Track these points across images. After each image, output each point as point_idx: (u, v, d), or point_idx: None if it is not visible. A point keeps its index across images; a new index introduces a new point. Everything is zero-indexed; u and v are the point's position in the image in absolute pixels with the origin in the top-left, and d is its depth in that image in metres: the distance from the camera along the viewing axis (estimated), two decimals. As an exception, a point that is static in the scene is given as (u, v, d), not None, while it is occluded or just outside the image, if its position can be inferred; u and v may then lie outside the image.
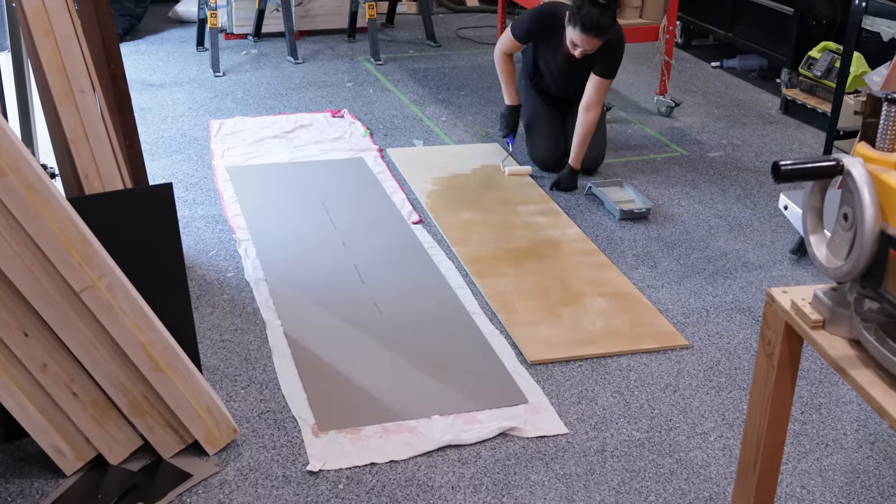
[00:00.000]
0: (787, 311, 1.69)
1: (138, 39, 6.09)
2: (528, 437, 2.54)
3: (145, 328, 2.25)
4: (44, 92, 2.52)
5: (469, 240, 3.61)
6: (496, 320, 3.09)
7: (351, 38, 6.25)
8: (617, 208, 3.82)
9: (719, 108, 5.19)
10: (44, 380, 2.21)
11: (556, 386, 2.77)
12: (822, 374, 2.87)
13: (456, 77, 5.55)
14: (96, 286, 2.15)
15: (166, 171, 4.13)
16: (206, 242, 3.54)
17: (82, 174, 2.46)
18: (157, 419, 2.35)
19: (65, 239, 2.10)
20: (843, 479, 2.44)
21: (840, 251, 1.57)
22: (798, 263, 3.53)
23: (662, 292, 3.30)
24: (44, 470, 2.35)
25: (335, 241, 3.56)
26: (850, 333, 1.60)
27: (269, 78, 5.44)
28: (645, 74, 5.68)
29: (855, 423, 2.66)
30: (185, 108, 4.92)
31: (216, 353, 2.86)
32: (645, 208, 3.85)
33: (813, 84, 4.95)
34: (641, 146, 4.62)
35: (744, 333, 3.08)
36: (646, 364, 2.89)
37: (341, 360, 2.84)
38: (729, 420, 2.65)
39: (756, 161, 4.47)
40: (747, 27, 5.59)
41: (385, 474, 2.40)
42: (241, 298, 3.17)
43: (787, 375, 1.75)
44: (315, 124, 4.71)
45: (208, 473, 2.37)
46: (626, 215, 3.83)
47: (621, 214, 3.82)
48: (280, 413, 2.61)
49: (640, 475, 2.43)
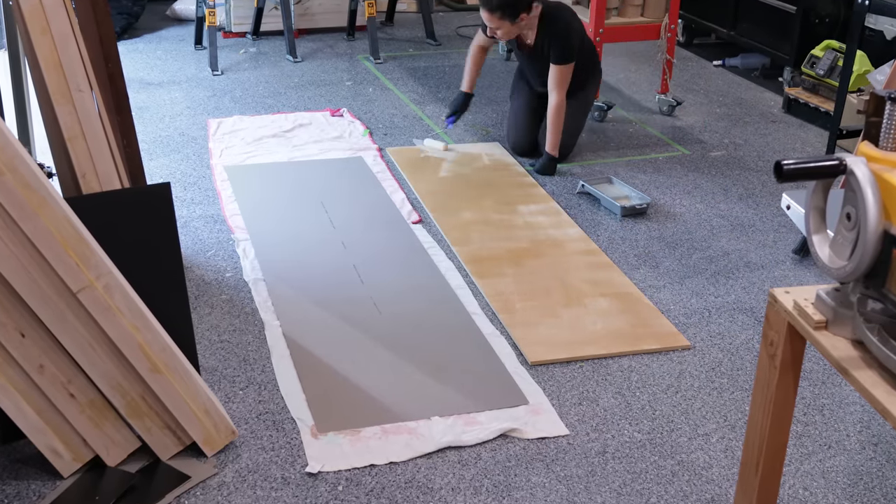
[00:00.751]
0: (789, 312, 1.69)
1: (136, 38, 6.08)
2: (529, 439, 2.53)
3: (143, 329, 2.24)
4: (41, 90, 2.50)
5: (469, 239, 3.59)
6: (496, 321, 3.07)
7: (350, 37, 6.23)
8: (618, 205, 3.81)
9: (721, 106, 5.18)
10: (41, 381, 2.20)
11: (556, 387, 2.75)
12: (824, 375, 2.85)
13: (456, 76, 5.52)
14: (93, 286, 2.14)
15: (164, 170, 4.12)
16: (205, 242, 3.52)
17: (79, 173, 2.45)
18: (154, 420, 2.34)
19: (62, 239, 2.09)
20: (846, 481, 2.43)
21: (843, 251, 1.57)
22: (801, 263, 3.51)
23: (664, 292, 3.29)
24: (41, 472, 2.33)
25: (334, 240, 3.55)
26: (853, 334, 1.60)
27: (267, 77, 5.43)
28: (646, 73, 5.67)
29: (858, 425, 2.64)
30: (183, 106, 4.90)
31: (214, 354, 2.85)
32: (645, 203, 3.85)
33: (816, 83, 4.93)
34: (643, 145, 4.60)
35: (746, 334, 3.06)
36: (647, 365, 2.88)
37: (340, 360, 2.83)
38: (731, 421, 2.64)
39: (758, 160, 4.45)
40: (750, 25, 5.58)
41: (384, 476, 2.38)
42: (239, 299, 3.16)
43: (789, 376, 1.75)
44: (314, 123, 4.69)
45: (206, 475, 2.36)
46: (627, 212, 3.82)
47: (623, 211, 3.80)
48: (279, 414, 2.60)
49: (641, 477, 2.41)
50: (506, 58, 5.83)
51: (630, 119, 4.94)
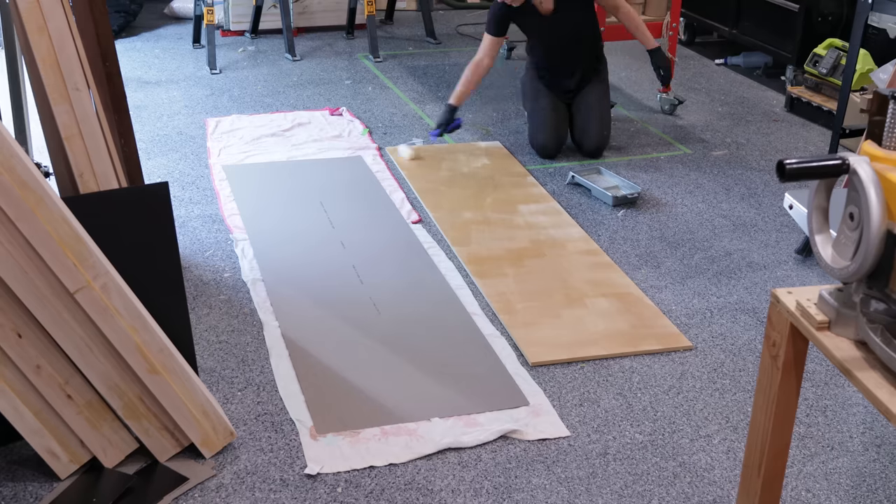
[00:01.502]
0: (792, 312, 1.68)
1: (134, 36, 6.07)
2: (530, 440, 2.51)
3: (141, 329, 2.23)
4: (38, 89, 2.50)
5: (469, 239, 3.58)
6: (497, 321, 3.06)
7: (349, 35, 6.22)
8: (609, 195, 3.86)
9: (723, 105, 5.16)
10: (38, 382, 2.18)
11: (557, 388, 2.74)
12: (827, 376, 2.84)
13: (456, 74, 5.48)
14: (91, 287, 2.13)
15: (162, 169, 4.11)
16: (203, 242, 3.51)
17: (77, 173, 2.44)
18: (152, 422, 2.32)
19: (59, 239, 2.08)
20: (849, 483, 2.41)
21: (846, 251, 1.56)
22: (803, 263, 3.50)
23: (665, 293, 3.27)
24: (38, 473, 2.32)
25: (333, 240, 3.53)
26: (857, 335, 1.59)
27: (266, 75, 5.42)
28: (648, 72, 5.64)
29: (861, 426, 2.63)
30: (181, 105, 4.89)
31: (213, 355, 2.84)
32: (636, 192, 3.90)
33: (818, 81, 4.92)
34: (644, 144, 4.59)
35: (748, 335, 3.05)
36: (649, 366, 2.86)
37: (340, 361, 2.81)
38: (733, 423, 2.62)
39: (761, 160, 4.44)
40: (752, 24, 5.56)
41: (384, 477, 2.37)
42: (238, 299, 3.14)
43: (792, 377, 1.74)
44: (313, 122, 4.68)
45: (205, 477, 2.34)
46: (619, 201, 3.87)
47: (614, 201, 3.85)
48: (277, 415, 2.58)
49: (642, 478, 2.40)
50: (507, 56, 5.82)
51: (631, 118, 4.93)
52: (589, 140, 4.30)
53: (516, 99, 4.93)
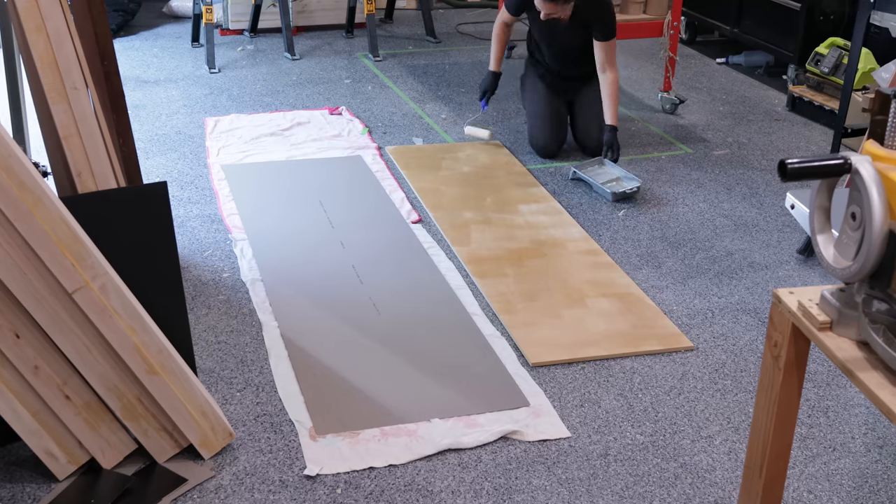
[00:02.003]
0: (793, 313, 1.67)
1: (132, 35, 6.05)
2: (530, 441, 2.50)
3: (139, 330, 2.22)
4: (36, 89, 2.49)
5: (469, 239, 3.57)
6: (497, 321, 3.05)
7: (349, 34, 6.21)
8: (608, 191, 3.88)
9: (725, 105, 5.15)
10: (36, 382, 2.18)
11: (558, 388, 2.73)
12: (829, 377, 2.83)
13: (456, 74, 5.51)
14: (89, 287, 2.12)
15: (161, 169, 4.10)
16: (202, 242, 3.50)
17: (75, 172, 2.43)
18: (151, 422, 2.32)
19: (57, 239, 2.07)
20: (851, 484, 2.40)
21: (848, 251, 1.56)
22: (805, 263, 3.49)
23: (666, 293, 3.26)
24: (36, 474, 2.32)
25: (333, 240, 3.52)
26: (859, 335, 1.59)
27: (265, 74, 5.41)
28: (649, 71, 5.64)
29: (863, 427, 2.62)
30: (179, 105, 4.88)
31: (211, 356, 2.83)
32: (635, 186, 3.91)
33: (820, 81, 4.91)
34: (645, 144, 4.58)
35: (750, 335, 3.04)
36: (650, 366, 2.85)
37: (339, 362, 2.81)
38: (734, 423, 2.61)
39: (762, 159, 4.43)
40: (753, 23, 5.55)
41: (384, 479, 2.36)
42: (237, 299, 3.14)
43: (793, 378, 1.74)
44: (312, 122, 4.67)
45: (203, 478, 2.34)
46: (618, 197, 3.88)
47: (614, 197, 3.87)
48: (277, 416, 2.57)
49: (643, 479, 2.39)
50: (507, 56, 5.81)
51: (632, 117, 4.92)
52: (591, 140, 4.29)
53: (516, 98, 4.92)
